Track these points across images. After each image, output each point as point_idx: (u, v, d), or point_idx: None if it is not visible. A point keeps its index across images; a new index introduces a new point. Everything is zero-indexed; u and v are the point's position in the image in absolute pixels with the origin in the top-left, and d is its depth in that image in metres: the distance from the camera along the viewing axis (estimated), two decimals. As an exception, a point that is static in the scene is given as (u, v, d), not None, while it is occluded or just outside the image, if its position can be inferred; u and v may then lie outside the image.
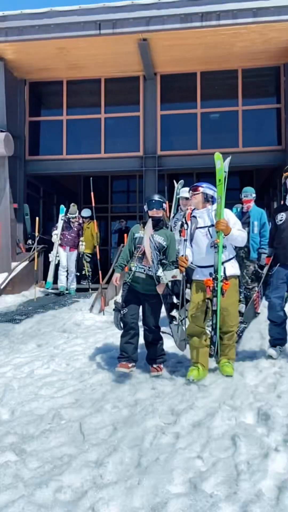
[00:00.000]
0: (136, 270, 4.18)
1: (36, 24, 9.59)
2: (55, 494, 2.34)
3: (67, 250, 9.32)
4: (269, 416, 3.05)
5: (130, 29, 9.43)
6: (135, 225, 4.46)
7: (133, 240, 4.30)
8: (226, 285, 3.77)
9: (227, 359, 4.06)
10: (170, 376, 4.18)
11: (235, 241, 3.95)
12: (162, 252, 4.19)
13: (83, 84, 11.63)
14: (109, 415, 3.34)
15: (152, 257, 4.07)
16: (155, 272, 4.06)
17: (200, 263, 4.07)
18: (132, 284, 4.24)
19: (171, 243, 4.27)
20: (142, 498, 2.26)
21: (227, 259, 3.99)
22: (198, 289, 4.03)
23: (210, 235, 3.94)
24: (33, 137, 11.94)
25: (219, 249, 3.82)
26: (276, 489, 2.29)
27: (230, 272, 3.94)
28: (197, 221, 4.06)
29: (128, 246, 4.36)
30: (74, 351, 5.17)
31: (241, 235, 3.93)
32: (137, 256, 4.20)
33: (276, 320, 4.32)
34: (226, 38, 9.66)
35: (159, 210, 4.24)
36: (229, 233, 3.79)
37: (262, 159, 11.07)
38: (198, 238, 4.03)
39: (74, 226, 9.38)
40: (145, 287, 4.17)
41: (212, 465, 2.52)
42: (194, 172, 13.86)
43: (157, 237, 4.18)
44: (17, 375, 4.47)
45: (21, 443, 2.97)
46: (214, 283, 3.80)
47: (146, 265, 4.14)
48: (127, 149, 11.42)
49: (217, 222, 3.81)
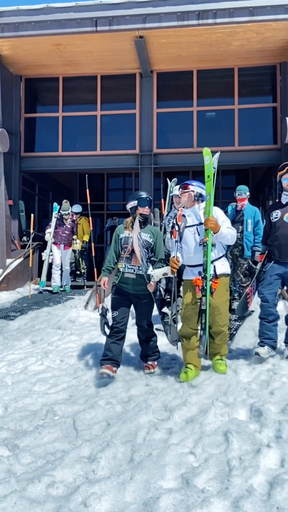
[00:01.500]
0: (125, 271, 4.07)
1: (32, 21, 9.55)
2: (48, 489, 2.34)
3: (61, 248, 9.19)
4: (261, 413, 3.06)
5: (126, 26, 9.41)
6: (119, 226, 4.31)
7: (119, 241, 4.18)
8: (215, 284, 3.72)
9: (220, 355, 4.05)
10: (164, 373, 4.20)
11: (224, 239, 3.89)
12: (150, 249, 4.10)
13: (79, 81, 11.60)
14: (102, 411, 3.34)
15: (141, 255, 3.98)
16: (145, 270, 3.96)
17: (190, 262, 4.01)
18: (121, 286, 4.12)
19: (157, 240, 4.18)
20: (134, 493, 2.27)
21: (217, 257, 3.94)
22: (189, 289, 3.97)
23: (199, 233, 3.89)
24: (29, 134, 11.90)
25: (208, 247, 3.76)
26: (267, 484, 2.31)
27: (220, 270, 3.91)
28: (186, 220, 4.01)
29: (113, 248, 4.22)
30: (68, 347, 5.17)
31: (230, 232, 3.88)
32: (124, 257, 4.10)
33: (267, 317, 4.28)
34: (223, 37, 9.66)
35: (149, 208, 4.18)
36: (218, 231, 3.75)
37: (257, 157, 11.09)
38: (186, 237, 3.97)
39: (67, 223, 9.25)
40: (136, 287, 4.08)
41: (205, 460, 2.53)
42: (190, 170, 13.88)
43: (144, 235, 4.09)
44: (11, 371, 4.47)
45: (14, 439, 2.98)
46: (203, 282, 3.75)
47: (135, 264, 4.05)
48: (123, 147, 11.40)
49: (206, 220, 3.75)
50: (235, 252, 6.67)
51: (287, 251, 4.24)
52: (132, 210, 4.18)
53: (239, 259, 6.68)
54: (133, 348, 4.93)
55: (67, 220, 9.23)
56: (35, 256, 10.19)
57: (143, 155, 11.15)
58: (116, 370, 4.08)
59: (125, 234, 4.14)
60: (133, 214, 4.16)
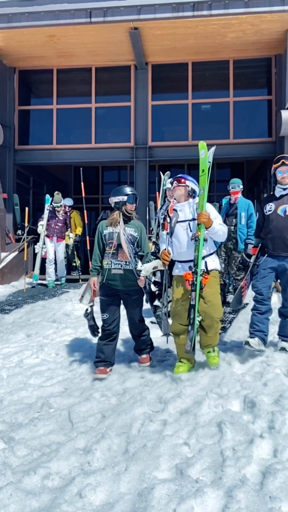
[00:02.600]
0: (111, 267, 3.95)
1: (26, 11, 9.44)
2: (43, 480, 2.37)
3: (54, 241, 9.08)
4: (255, 404, 3.10)
5: (121, 18, 9.33)
6: (101, 222, 4.15)
7: (102, 238, 4.04)
8: (205, 280, 3.68)
9: (211, 346, 3.95)
10: (158, 365, 4.23)
11: (216, 235, 3.82)
12: (136, 244, 4.00)
13: (73, 73, 11.51)
14: (97, 404, 3.37)
15: (128, 251, 3.90)
16: (134, 266, 3.88)
17: (180, 258, 3.93)
18: (109, 283, 4.00)
19: (142, 233, 4.08)
20: (129, 484, 2.30)
21: (208, 253, 3.88)
22: (178, 285, 3.90)
23: (191, 229, 3.82)
24: (23, 126, 11.82)
25: (200, 242, 3.71)
26: (260, 474, 2.34)
27: (211, 266, 3.85)
28: (177, 215, 3.92)
29: (97, 246, 4.09)
30: (63, 341, 5.18)
31: (222, 229, 3.82)
32: (110, 253, 3.97)
33: (259, 309, 4.26)
34: (218, 28, 9.61)
35: (135, 204, 4.10)
36: (210, 226, 3.69)
37: (252, 150, 11.09)
38: (178, 232, 3.89)
39: (60, 215, 9.14)
40: (125, 282, 3.97)
41: (199, 451, 2.56)
42: (186, 163, 13.86)
43: (128, 230, 3.99)
44: (6, 364, 4.48)
45: (10, 431, 2.99)
46: (193, 277, 3.69)
47: (122, 260, 3.93)
48: (118, 140, 11.36)
49: (199, 214, 3.70)
50: (229, 245, 6.70)
51: (280, 244, 4.24)
52: (118, 205, 4.04)
53: (233, 252, 6.70)
54: (128, 340, 4.94)
55: (59, 212, 9.13)
56: (30, 250, 10.17)
57: (138, 148, 11.11)
58: (111, 369, 4.07)
59: (109, 230, 4.01)
60: (120, 209, 4.04)
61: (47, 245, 9.08)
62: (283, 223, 4.24)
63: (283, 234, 4.22)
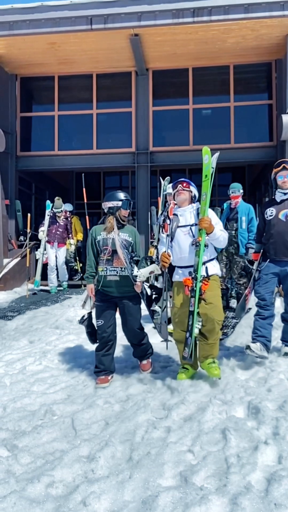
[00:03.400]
0: (107, 273, 3.90)
1: (27, 19, 9.50)
2: (47, 489, 2.36)
3: (55, 246, 9.08)
4: (259, 410, 3.09)
5: (121, 24, 9.37)
6: (93, 228, 4.11)
7: (96, 244, 4.00)
8: (205, 285, 3.62)
9: (212, 358, 3.80)
10: (162, 371, 4.22)
11: (217, 240, 3.78)
12: (130, 249, 3.95)
13: (74, 80, 11.57)
14: (101, 411, 3.36)
15: (124, 256, 3.84)
16: (130, 272, 3.81)
17: (181, 263, 3.87)
18: (104, 290, 3.96)
19: (136, 238, 4.04)
20: (133, 492, 2.29)
21: (209, 259, 3.82)
22: (179, 291, 3.83)
23: (193, 234, 3.77)
24: (25, 133, 11.87)
25: (201, 248, 3.67)
26: (265, 481, 2.33)
27: (212, 271, 3.80)
28: (178, 220, 3.87)
29: (91, 252, 4.05)
30: (66, 347, 5.18)
31: (223, 235, 3.79)
32: (105, 259, 3.92)
33: (263, 314, 4.23)
34: (218, 34, 9.65)
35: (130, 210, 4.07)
36: (212, 232, 3.66)
37: (253, 155, 11.10)
38: (179, 237, 3.83)
39: (61, 220, 9.14)
40: (120, 289, 3.92)
41: (203, 458, 2.55)
42: (187, 168, 13.88)
43: (122, 235, 3.96)
44: (9, 371, 4.47)
45: (13, 439, 2.98)
46: (193, 283, 3.65)
47: (118, 266, 3.88)
48: (119, 145, 11.39)
49: (200, 220, 3.66)
50: (231, 250, 6.70)
51: (282, 249, 4.23)
52: (112, 210, 3.99)
53: (235, 257, 6.70)
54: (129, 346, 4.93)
55: (60, 218, 9.14)
56: (32, 256, 10.18)
57: (140, 153, 11.14)
58: (112, 377, 4.05)
59: (103, 236, 3.96)
60: (114, 214, 3.99)
61: (48, 251, 9.10)
62: (284, 227, 4.24)
63: (285, 239, 4.22)
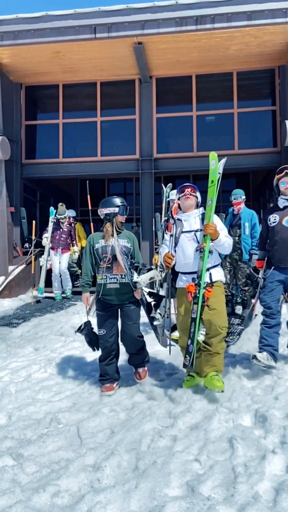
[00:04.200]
0: (107, 282, 3.85)
1: (32, 28, 9.60)
2: (53, 498, 2.34)
3: (59, 252, 9.02)
4: (266, 418, 3.05)
5: (125, 33, 9.44)
6: (91, 235, 4.07)
7: (94, 252, 3.95)
8: (208, 293, 3.54)
9: (215, 371, 3.65)
10: (167, 379, 4.19)
11: (221, 246, 3.71)
12: (129, 255, 3.91)
13: (79, 88, 11.65)
14: (106, 419, 3.34)
15: (123, 263, 3.80)
16: (130, 278, 3.77)
17: (185, 269, 3.79)
18: (104, 299, 3.92)
19: (134, 244, 4.01)
20: (140, 502, 2.26)
21: (213, 265, 3.76)
22: (183, 298, 3.76)
23: (197, 240, 3.69)
24: (29, 141, 11.94)
25: (205, 254, 3.59)
26: (273, 491, 2.30)
27: (216, 277, 3.72)
28: (182, 225, 3.80)
29: (88, 260, 3.99)
30: (71, 354, 5.16)
31: (228, 241, 3.72)
32: (105, 267, 3.86)
33: (268, 323, 4.18)
34: (221, 41, 9.70)
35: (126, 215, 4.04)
36: (217, 237, 3.59)
37: (257, 161, 11.10)
38: (183, 242, 3.75)
39: (64, 226, 9.11)
40: (120, 297, 3.89)
41: (210, 467, 2.52)
42: (191, 174, 13.90)
43: (121, 241, 3.92)
44: (15, 379, 4.46)
45: (18, 448, 2.97)
46: (196, 289, 3.57)
47: (117, 273, 3.84)
48: (123, 152, 11.43)
49: (205, 225, 3.59)
50: (235, 256, 6.68)
51: (287, 256, 4.18)
52: (109, 217, 3.96)
53: (239, 263, 6.68)
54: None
55: (63, 224, 9.12)
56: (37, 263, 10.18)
57: (144, 160, 11.17)
58: (117, 384, 4.02)
59: (102, 244, 3.91)
60: (111, 220, 3.96)
61: (52, 257, 9.04)
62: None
63: None
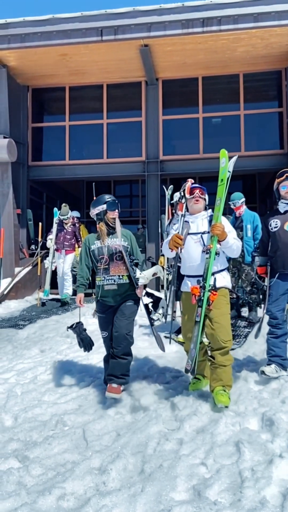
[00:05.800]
0: (105, 283, 3.77)
1: (39, 31, 9.66)
2: (58, 501, 2.33)
3: (63, 254, 8.89)
4: (273, 422, 3.03)
5: (131, 35, 9.47)
6: (87, 237, 3.97)
7: (91, 254, 3.86)
8: (213, 296, 3.43)
9: (221, 385, 3.45)
10: (173, 382, 4.17)
11: (229, 249, 3.59)
12: (128, 252, 3.83)
13: (85, 90, 11.69)
14: (112, 421, 3.33)
15: (127, 261, 3.72)
16: (133, 275, 3.72)
17: (190, 272, 3.70)
18: (103, 301, 3.86)
19: (132, 241, 3.92)
20: (146, 506, 2.25)
21: (219, 270, 3.63)
22: (187, 301, 3.66)
23: (204, 242, 3.59)
24: (36, 143, 12.00)
25: (211, 256, 3.49)
26: (280, 496, 2.27)
27: (220, 283, 3.58)
28: (189, 226, 3.69)
29: (84, 262, 3.89)
30: (77, 356, 5.16)
31: (236, 243, 3.60)
32: (102, 268, 3.79)
33: (275, 333, 4.07)
34: (227, 43, 9.69)
35: (118, 211, 3.95)
36: (224, 239, 3.47)
37: (264, 163, 11.06)
38: (189, 244, 3.63)
39: (68, 227, 8.98)
40: (117, 298, 3.81)
41: (216, 471, 2.50)
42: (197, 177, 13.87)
43: (117, 240, 3.84)
44: (20, 381, 4.47)
45: (24, 450, 2.97)
46: (200, 292, 3.47)
47: (115, 274, 3.77)
48: (130, 154, 11.44)
49: (213, 226, 3.48)
50: (238, 258, 6.64)
51: None
52: (100, 216, 3.87)
53: (242, 265, 6.65)
54: (141, 355, 4.91)
55: (67, 225, 9.01)
56: (43, 265, 10.21)
57: (150, 162, 11.18)
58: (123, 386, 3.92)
59: (98, 245, 3.83)
60: (102, 220, 3.86)
61: (57, 260, 8.98)
62: None
63: None
